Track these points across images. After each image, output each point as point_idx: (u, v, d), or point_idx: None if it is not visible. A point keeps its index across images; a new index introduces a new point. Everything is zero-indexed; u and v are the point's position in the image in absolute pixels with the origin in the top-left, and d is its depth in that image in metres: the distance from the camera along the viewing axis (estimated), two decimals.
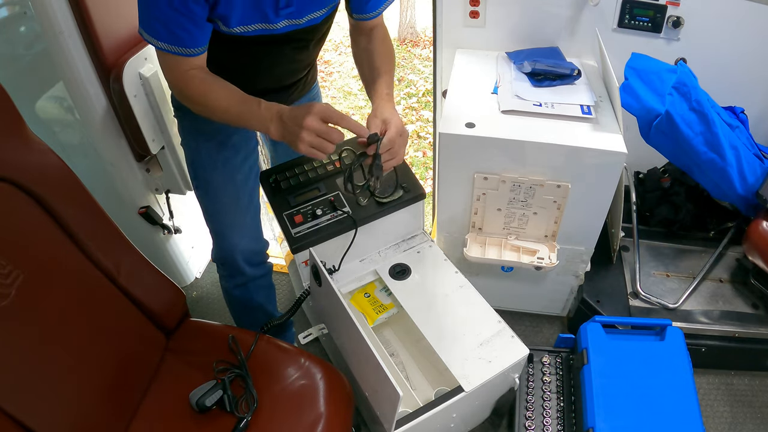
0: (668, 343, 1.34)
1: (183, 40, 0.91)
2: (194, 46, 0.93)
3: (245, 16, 0.95)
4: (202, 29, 0.93)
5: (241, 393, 1.01)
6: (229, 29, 0.96)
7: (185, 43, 0.92)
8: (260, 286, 1.38)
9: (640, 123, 1.42)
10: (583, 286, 1.58)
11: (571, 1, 1.52)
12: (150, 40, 0.91)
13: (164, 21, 0.88)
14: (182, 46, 0.92)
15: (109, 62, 1.28)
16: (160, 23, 0.89)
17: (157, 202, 1.66)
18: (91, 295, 0.97)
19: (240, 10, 0.93)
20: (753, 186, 1.42)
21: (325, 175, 1.31)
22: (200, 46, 0.94)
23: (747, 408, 1.52)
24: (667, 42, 1.53)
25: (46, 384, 0.85)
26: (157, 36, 0.90)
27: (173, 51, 0.92)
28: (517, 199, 1.37)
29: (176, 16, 0.87)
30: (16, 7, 1.23)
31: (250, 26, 0.97)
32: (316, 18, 1.04)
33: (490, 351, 1.16)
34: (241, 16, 0.94)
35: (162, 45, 0.91)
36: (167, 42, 0.91)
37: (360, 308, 1.30)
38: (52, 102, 1.37)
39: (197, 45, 0.94)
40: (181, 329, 1.15)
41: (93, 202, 1.00)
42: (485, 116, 1.32)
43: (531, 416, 1.34)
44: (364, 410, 1.32)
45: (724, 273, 1.60)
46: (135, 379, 1.02)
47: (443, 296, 1.27)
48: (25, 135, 0.91)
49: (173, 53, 0.92)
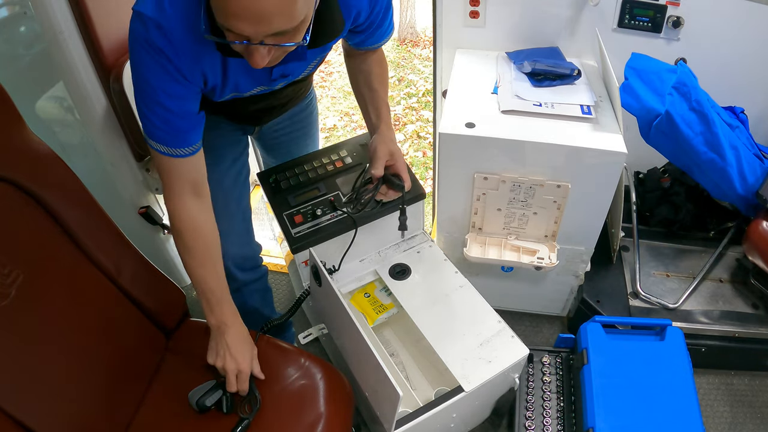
0: (668, 343, 1.34)
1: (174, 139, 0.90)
2: (185, 145, 0.92)
3: (238, 87, 0.96)
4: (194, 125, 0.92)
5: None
6: (221, 99, 0.97)
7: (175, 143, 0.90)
8: (254, 290, 1.37)
9: (640, 123, 1.42)
10: (583, 286, 1.58)
11: (571, 1, 1.52)
12: (151, 144, 0.90)
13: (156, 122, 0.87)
14: (171, 146, 0.90)
15: (109, 62, 1.27)
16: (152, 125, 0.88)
17: (157, 202, 1.65)
18: (91, 295, 0.97)
19: (231, 86, 0.94)
20: (753, 186, 1.42)
21: (325, 175, 1.31)
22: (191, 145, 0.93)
23: (747, 408, 1.52)
24: (667, 42, 1.53)
25: (46, 384, 0.85)
26: (153, 137, 0.89)
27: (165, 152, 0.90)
28: (517, 199, 1.37)
29: (167, 115, 0.87)
30: (16, 7, 1.23)
31: (245, 93, 1.00)
32: (312, 69, 1.07)
33: (490, 351, 1.16)
34: (233, 89, 0.95)
35: (156, 146, 0.90)
36: (160, 142, 0.89)
37: (360, 308, 1.29)
38: (52, 102, 1.37)
39: (188, 144, 0.92)
40: (181, 329, 1.15)
41: (93, 202, 1.00)
42: (485, 116, 1.32)
43: (531, 416, 1.34)
44: (364, 410, 1.32)
45: (724, 273, 1.60)
46: (135, 379, 1.02)
47: (443, 296, 1.27)
48: (25, 135, 0.91)
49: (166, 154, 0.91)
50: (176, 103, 0.87)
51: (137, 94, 0.87)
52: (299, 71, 1.03)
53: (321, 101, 4.82)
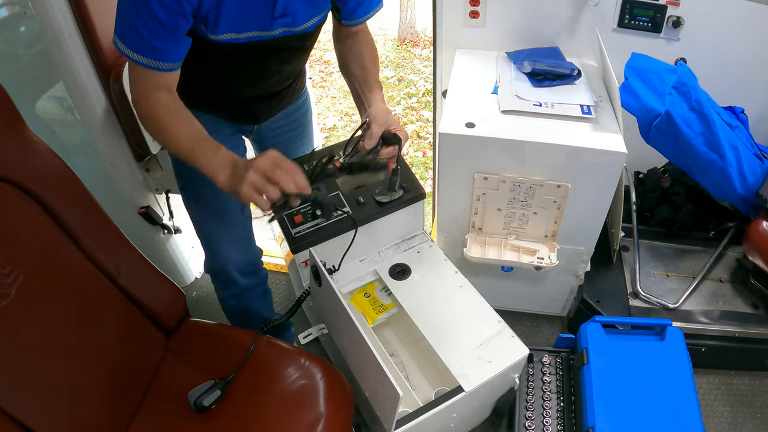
0: (668, 343, 1.34)
1: (157, 52, 0.88)
2: (168, 60, 0.90)
3: (235, 23, 0.93)
4: (180, 43, 0.90)
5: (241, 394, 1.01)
6: (216, 36, 0.93)
7: (159, 56, 0.88)
8: (256, 294, 1.37)
9: (640, 123, 1.42)
10: (583, 286, 1.58)
11: (571, 1, 1.52)
12: (123, 50, 0.88)
13: (142, 30, 0.85)
14: (155, 59, 0.88)
15: (109, 62, 1.28)
16: (136, 32, 0.85)
17: (157, 202, 1.66)
18: (91, 295, 0.97)
19: (228, 17, 0.90)
20: (753, 186, 1.42)
21: (325, 175, 1.31)
22: (174, 62, 0.91)
23: (747, 408, 1.52)
24: (667, 42, 1.53)
25: (46, 384, 0.85)
26: (130, 45, 0.87)
27: (144, 63, 0.88)
28: (517, 199, 1.37)
29: (156, 26, 0.84)
30: (16, 7, 1.23)
31: (243, 34, 0.95)
32: (312, 26, 1.04)
33: (490, 351, 1.16)
34: (229, 23, 0.92)
35: (134, 56, 0.87)
36: (140, 53, 0.87)
37: (360, 308, 1.29)
38: (52, 102, 1.37)
39: (171, 60, 0.90)
40: (181, 329, 1.15)
41: (93, 202, 1.00)
42: (485, 116, 1.32)
43: (531, 416, 1.34)
44: (364, 410, 1.32)
45: (724, 273, 1.60)
46: (135, 379, 1.02)
47: (443, 296, 1.27)
48: (25, 135, 0.91)
49: (143, 65, 0.88)
50: (169, 16, 0.84)
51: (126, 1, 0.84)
52: (300, 17, 0.99)
53: (321, 101, 4.82)
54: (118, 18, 0.86)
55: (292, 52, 1.10)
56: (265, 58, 1.06)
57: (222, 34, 0.93)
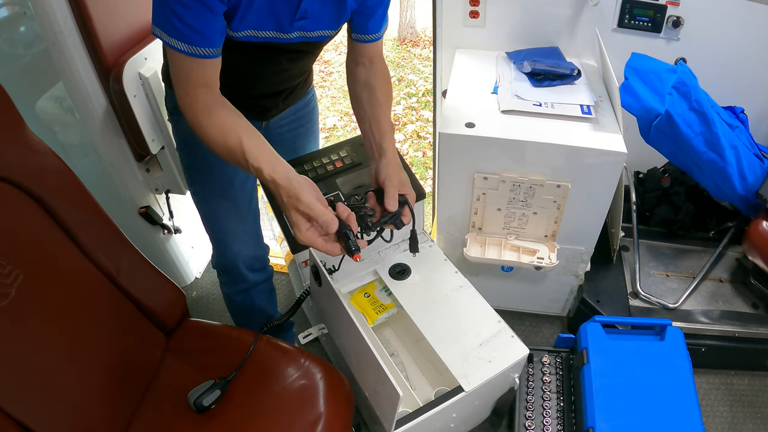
0: (668, 343, 1.34)
1: (199, 36, 0.86)
2: (208, 45, 0.88)
3: (258, 21, 0.92)
4: (218, 24, 0.88)
5: (241, 394, 1.01)
6: (235, 33, 0.93)
7: (200, 39, 0.86)
8: (262, 290, 1.38)
9: (640, 123, 1.42)
10: (583, 286, 1.58)
11: (571, 1, 1.52)
12: (164, 38, 0.86)
13: (181, 13, 0.83)
14: (196, 45, 0.86)
15: (109, 62, 1.27)
16: (176, 16, 0.83)
17: (157, 202, 1.66)
18: (91, 295, 0.97)
19: (254, 14, 0.90)
20: (753, 186, 1.42)
21: (325, 175, 1.31)
22: (214, 46, 0.89)
23: (747, 408, 1.52)
24: (667, 42, 1.53)
25: (46, 384, 0.85)
26: (169, 31, 0.85)
27: (186, 51, 0.86)
28: (517, 199, 1.37)
29: (195, 4, 0.82)
30: (16, 7, 1.23)
31: (261, 32, 0.95)
32: (325, 36, 1.03)
33: (490, 351, 1.16)
34: (254, 20, 0.91)
35: (175, 43, 0.85)
36: (181, 39, 0.85)
37: (360, 308, 1.29)
38: (52, 102, 1.37)
39: (211, 44, 0.88)
40: (181, 329, 1.15)
41: (93, 202, 1.00)
42: (485, 116, 1.32)
43: (531, 416, 1.34)
44: (364, 410, 1.32)
45: (724, 273, 1.60)
46: (135, 379, 1.02)
47: (443, 296, 1.27)
48: (25, 135, 0.91)
49: (185, 53, 0.87)
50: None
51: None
52: (317, 26, 0.99)
53: (321, 101, 4.82)
54: (154, 6, 0.85)
55: (302, 53, 1.10)
56: (277, 58, 1.07)
57: (242, 30, 0.93)
